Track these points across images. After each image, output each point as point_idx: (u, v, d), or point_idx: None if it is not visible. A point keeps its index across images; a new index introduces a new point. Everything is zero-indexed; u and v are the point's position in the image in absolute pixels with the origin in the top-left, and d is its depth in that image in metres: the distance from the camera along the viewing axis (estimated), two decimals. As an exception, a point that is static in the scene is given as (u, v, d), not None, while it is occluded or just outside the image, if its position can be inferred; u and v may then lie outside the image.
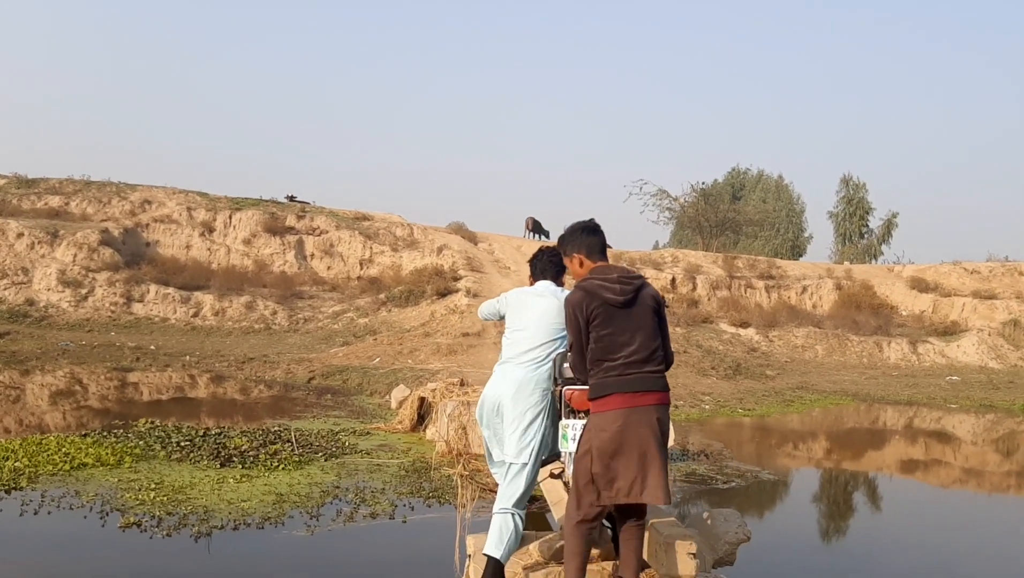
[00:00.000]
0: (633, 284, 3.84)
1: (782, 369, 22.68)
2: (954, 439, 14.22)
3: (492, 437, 4.66)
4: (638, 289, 3.84)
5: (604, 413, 3.75)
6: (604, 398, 3.76)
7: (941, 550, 7.10)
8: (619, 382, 3.74)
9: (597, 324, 3.78)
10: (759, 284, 31.54)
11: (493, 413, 4.56)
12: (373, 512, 6.70)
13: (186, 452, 8.54)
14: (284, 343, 22.44)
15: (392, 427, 11.06)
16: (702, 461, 10.02)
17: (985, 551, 7.16)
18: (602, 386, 3.78)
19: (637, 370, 3.76)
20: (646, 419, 3.71)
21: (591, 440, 3.78)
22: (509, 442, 4.41)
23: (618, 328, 3.77)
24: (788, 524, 7.94)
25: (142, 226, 29.65)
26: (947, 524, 8.31)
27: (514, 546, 4.28)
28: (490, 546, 4.22)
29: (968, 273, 33.35)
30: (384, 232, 31.66)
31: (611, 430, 3.69)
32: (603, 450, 3.70)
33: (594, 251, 4.02)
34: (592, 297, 3.80)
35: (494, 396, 4.55)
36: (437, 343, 19.78)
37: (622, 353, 3.76)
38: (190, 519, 6.22)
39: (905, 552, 6.92)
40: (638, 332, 3.79)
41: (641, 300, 3.83)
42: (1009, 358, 26.20)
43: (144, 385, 15.66)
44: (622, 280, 3.84)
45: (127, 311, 24.71)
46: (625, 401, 3.71)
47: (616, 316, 3.78)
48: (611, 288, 3.80)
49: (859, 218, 52.87)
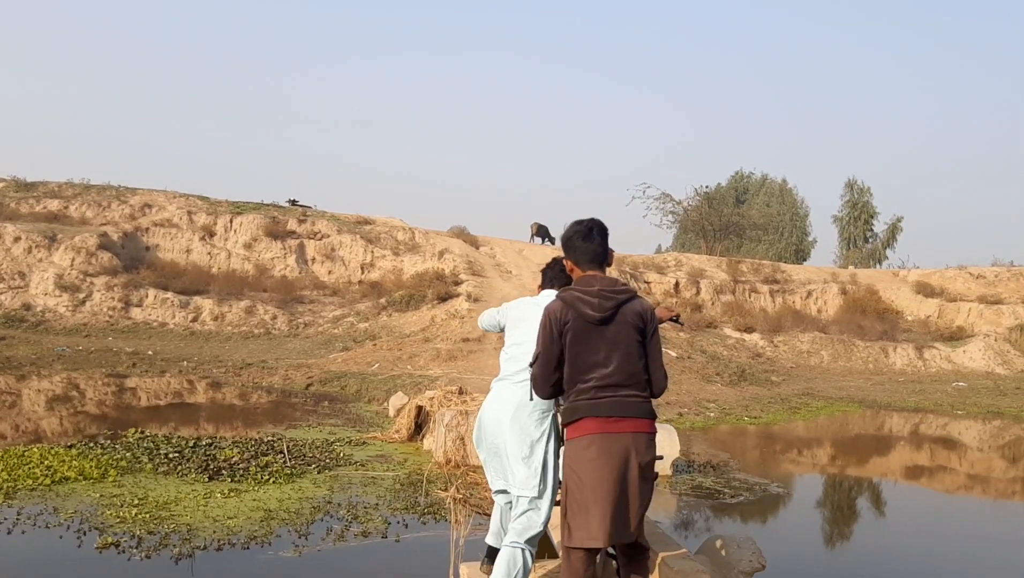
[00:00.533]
0: (615, 299, 3.45)
1: (787, 375, 22.38)
2: (963, 446, 13.93)
3: (492, 462, 4.29)
4: (619, 305, 3.45)
5: (575, 440, 3.41)
6: (575, 423, 3.42)
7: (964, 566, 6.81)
8: (590, 406, 3.38)
9: (570, 340, 3.44)
10: (763, 288, 31.21)
11: (494, 435, 4.20)
12: (365, 530, 6.42)
13: (174, 464, 8.26)
14: (283, 348, 22.18)
15: (389, 436, 10.78)
16: (708, 473, 9.73)
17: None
18: (573, 410, 3.44)
19: (611, 394, 3.38)
20: (619, 448, 3.32)
21: (564, 472, 3.47)
22: (514, 471, 4.08)
23: (591, 347, 3.41)
24: (800, 544, 7.62)
25: (142, 230, 29.38)
26: (965, 535, 8.01)
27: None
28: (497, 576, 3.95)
29: (974, 278, 33.00)
30: (385, 236, 31.40)
31: (583, 459, 3.34)
32: (575, 483, 3.36)
33: (583, 260, 3.62)
34: (568, 309, 3.46)
35: (493, 419, 4.21)
36: (437, 349, 19.50)
37: (594, 374, 3.39)
38: (172, 538, 5.93)
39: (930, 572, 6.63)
40: (614, 352, 3.40)
41: (621, 317, 3.44)
42: (1016, 364, 25.86)
43: (141, 391, 15.40)
44: (603, 294, 3.45)
45: (125, 316, 24.45)
46: (597, 426, 3.35)
47: (591, 333, 3.42)
48: (589, 302, 3.43)
49: (864, 222, 52.56)
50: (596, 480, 3.29)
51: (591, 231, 3.61)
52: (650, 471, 3.42)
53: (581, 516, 3.31)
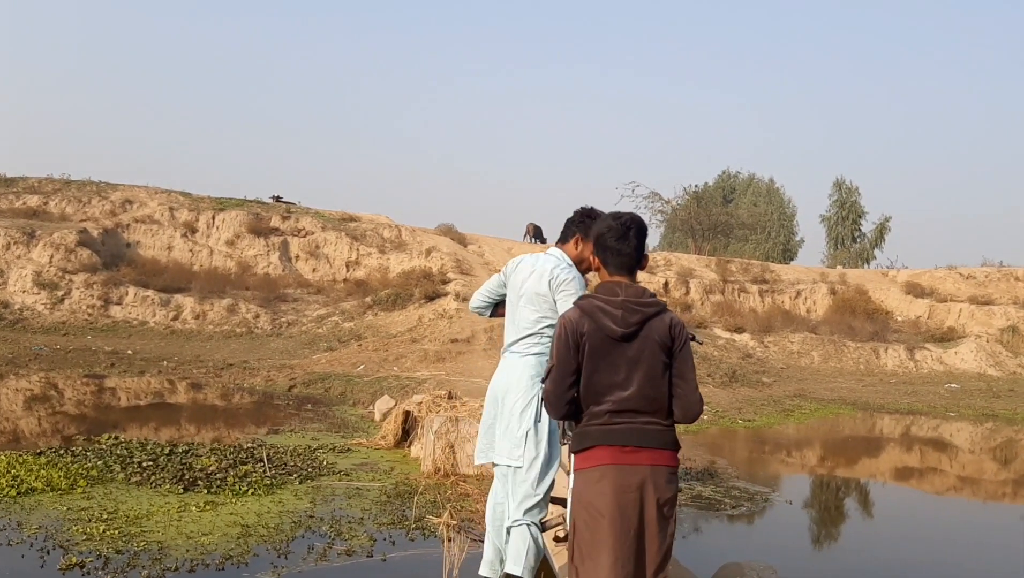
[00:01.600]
0: (641, 313, 3.00)
1: (778, 376, 22.12)
2: (959, 449, 13.68)
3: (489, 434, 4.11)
4: (646, 320, 3.00)
5: (585, 471, 3.00)
6: (586, 452, 3.02)
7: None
8: (603, 432, 2.97)
9: (586, 355, 3.01)
10: (753, 288, 30.96)
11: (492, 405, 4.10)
12: (349, 548, 6.01)
13: (147, 474, 7.82)
14: (266, 348, 21.72)
15: (375, 443, 10.38)
16: (707, 481, 9.39)
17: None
18: (583, 437, 3.04)
19: (628, 420, 2.97)
20: (635, 481, 2.91)
21: (572, 507, 3.05)
22: (504, 440, 3.90)
23: (610, 365, 2.99)
24: (815, 563, 7.28)
25: (122, 226, 28.83)
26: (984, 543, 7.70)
27: (535, 563, 3.78)
28: (509, 563, 3.76)
29: (964, 278, 32.84)
30: (371, 233, 30.95)
31: (593, 493, 2.94)
32: (583, 520, 2.96)
33: (612, 263, 3.15)
34: (588, 320, 3.02)
35: (493, 387, 4.14)
36: (424, 349, 19.09)
37: (611, 397, 2.98)
38: (141, 558, 5.51)
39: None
40: (635, 373, 2.97)
41: (647, 333, 3.00)
42: (1008, 365, 25.69)
43: (120, 391, 14.97)
44: (627, 306, 3.00)
45: (104, 314, 23.92)
46: (611, 456, 2.95)
47: (611, 350, 2.99)
48: (611, 314, 2.99)
49: (852, 222, 52.48)
50: (608, 518, 2.88)
51: (627, 231, 3.13)
52: (671, 509, 2.98)
53: (591, 559, 2.91)
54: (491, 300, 4.37)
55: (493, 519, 3.94)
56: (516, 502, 3.81)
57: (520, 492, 3.80)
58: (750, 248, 50.81)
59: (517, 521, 3.78)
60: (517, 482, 3.83)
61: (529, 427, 3.80)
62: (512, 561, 3.75)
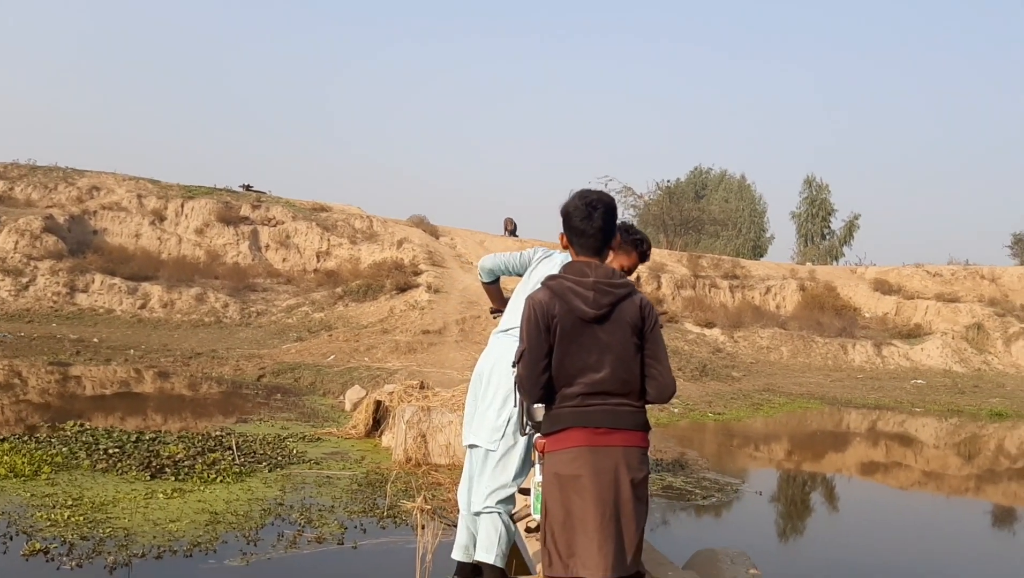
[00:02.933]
0: (612, 294, 2.98)
1: (748, 370, 22.27)
2: (924, 444, 13.85)
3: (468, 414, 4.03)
4: (617, 301, 2.98)
5: (558, 453, 2.95)
6: (559, 433, 2.97)
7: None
8: (575, 414, 2.94)
9: (558, 338, 2.96)
10: (723, 284, 31.13)
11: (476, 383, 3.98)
12: (320, 535, 5.95)
13: (113, 461, 7.69)
14: (235, 337, 21.49)
15: (345, 432, 10.30)
16: (677, 472, 9.42)
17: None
18: (556, 418, 2.99)
19: (601, 402, 2.94)
20: (609, 463, 2.89)
21: (544, 490, 3.01)
22: (483, 423, 3.81)
23: (582, 347, 2.95)
24: (786, 551, 7.33)
25: (89, 213, 28.36)
26: (936, 534, 7.79)
27: (506, 549, 3.72)
28: (481, 551, 3.68)
29: (930, 276, 33.27)
30: (342, 224, 30.72)
31: (566, 474, 2.91)
32: (558, 503, 2.92)
33: (577, 243, 3.12)
34: (558, 301, 2.97)
35: (480, 366, 4.01)
36: (396, 340, 19.00)
37: (583, 379, 2.95)
38: (107, 545, 5.42)
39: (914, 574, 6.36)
40: (607, 355, 2.94)
41: (618, 315, 2.97)
42: (972, 362, 26.07)
43: (85, 380, 14.73)
44: (599, 287, 2.96)
45: (70, 302, 23.55)
46: (584, 438, 2.91)
47: (582, 332, 2.95)
48: (582, 295, 2.95)
49: (821, 219, 52.89)
50: (583, 500, 2.86)
51: (593, 211, 3.08)
52: (643, 490, 2.97)
53: (563, 543, 2.88)
54: (502, 272, 4.31)
55: (467, 503, 3.88)
56: (489, 489, 3.73)
57: (495, 480, 3.74)
58: (721, 244, 51.10)
59: (488, 508, 3.71)
60: (490, 467, 3.76)
61: (511, 414, 3.69)
62: (483, 549, 3.69)
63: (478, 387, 3.92)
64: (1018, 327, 27.75)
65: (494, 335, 4.04)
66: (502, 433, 3.73)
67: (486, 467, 3.78)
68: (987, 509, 9.67)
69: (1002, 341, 27.32)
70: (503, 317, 4.11)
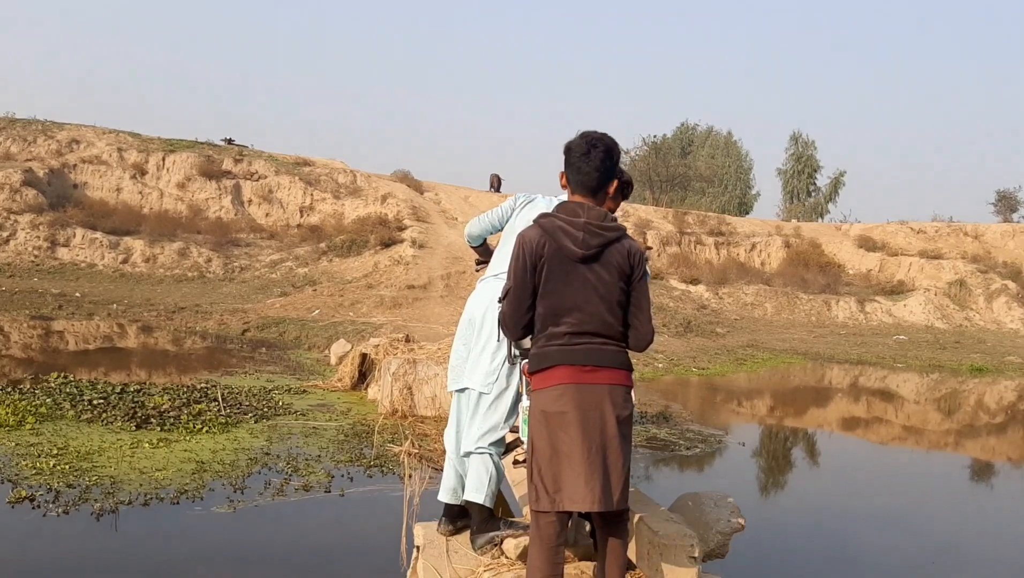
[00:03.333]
0: (602, 236, 2.95)
1: (732, 327, 22.38)
2: (904, 399, 14.00)
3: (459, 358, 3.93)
4: (607, 244, 2.96)
5: (545, 390, 2.96)
6: (545, 371, 2.97)
7: (924, 520, 6.65)
8: (562, 352, 2.94)
9: (545, 276, 2.96)
10: (709, 240, 31.19)
11: (465, 329, 3.90)
12: (307, 484, 5.96)
13: (98, 412, 7.66)
14: (218, 292, 21.39)
15: (331, 385, 10.30)
16: (661, 424, 9.48)
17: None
18: (543, 357, 2.99)
19: (587, 341, 2.94)
20: (595, 400, 2.90)
21: (531, 426, 3.02)
22: (477, 366, 3.77)
23: (569, 286, 2.95)
24: (767, 499, 7.41)
25: (69, 167, 27.99)
26: (918, 488, 7.90)
27: (495, 489, 3.73)
28: (470, 491, 3.68)
29: (914, 233, 33.43)
30: (326, 178, 30.47)
31: (552, 411, 2.91)
32: (545, 440, 2.93)
33: (573, 181, 3.07)
34: (548, 239, 2.96)
35: (468, 310, 3.91)
36: (380, 295, 18.96)
37: (569, 318, 2.94)
38: (93, 492, 5.41)
39: (892, 524, 6.44)
40: (594, 296, 2.94)
41: (607, 258, 2.95)
42: (954, 318, 26.30)
43: (68, 334, 14.64)
44: (589, 228, 2.94)
45: (51, 256, 23.34)
46: (570, 375, 2.92)
47: (570, 272, 2.95)
48: (572, 235, 2.93)
49: (807, 176, 52.92)
50: (569, 436, 2.86)
51: (592, 149, 3.01)
52: (628, 428, 2.98)
53: (550, 478, 2.90)
54: (489, 232, 4.27)
55: (455, 447, 3.88)
56: (480, 430, 3.73)
57: (487, 422, 3.74)
58: (707, 201, 51.15)
59: (480, 449, 3.72)
60: (482, 409, 3.76)
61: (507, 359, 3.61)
62: (474, 488, 3.70)
63: (470, 332, 3.86)
64: (1000, 284, 27.99)
65: (483, 281, 4.00)
66: (496, 376, 3.72)
67: (478, 410, 3.78)
68: (965, 463, 9.80)
69: (984, 297, 27.55)
70: (492, 263, 4.06)
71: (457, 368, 3.89)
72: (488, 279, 3.95)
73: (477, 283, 4.06)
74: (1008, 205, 39.60)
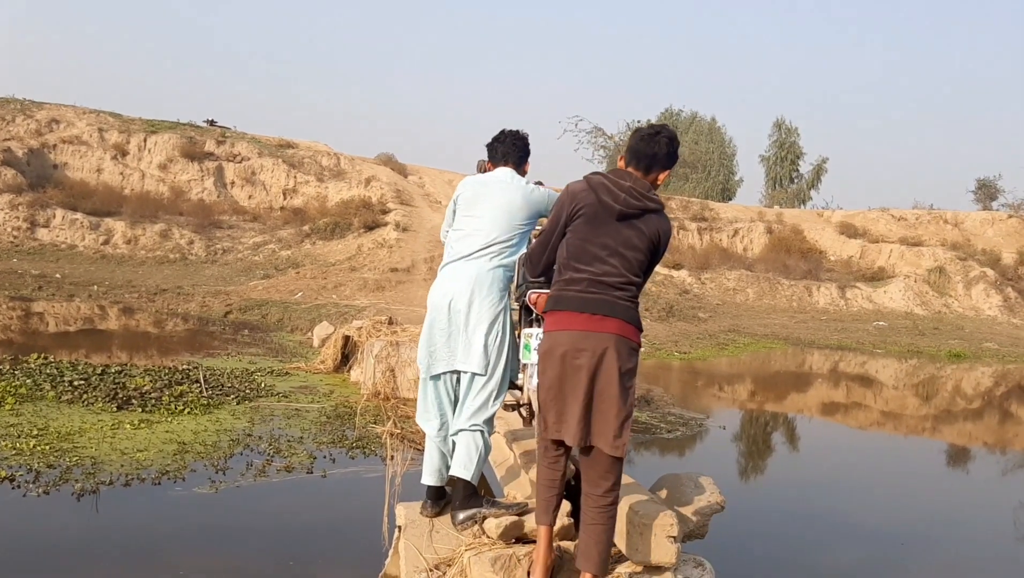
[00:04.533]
0: (643, 203, 3.13)
1: (714, 312, 22.48)
2: (883, 384, 14.12)
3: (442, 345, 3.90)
4: (644, 211, 3.13)
5: (555, 333, 3.17)
6: (559, 313, 3.18)
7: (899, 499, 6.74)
8: (580, 300, 3.12)
9: (579, 222, 3.16)
10: (692, 226, 31.27)
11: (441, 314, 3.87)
12: (289, 465, 5.97)
13: (79, 393, 7.63)
14: (200, 274, 21.28)
15: (313, 367, 10.29)
16: (643, 407, 9.53)
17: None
18: (559, 299, 3.19)
19: (603, 292, 3.12)
20: (600, 347, 3.05)
21: (540, 363, 3.22)
22: (465, 347, 3.81)
23: (599, 238, 3.13)
24: (747, 480, 7.48)
25: (49, 147, 27.72)
26: (899, 470, 8.00)
27: (481, 467, 3.81)
28: (457, 467, 3.74)
29: (895, 220, 33.65)
30: (309, 161, 30.33)
31: (560, 352, 3.10)
32: (550, 377, 3.13)
33: (632, 158, 3.22)
34: (590, 192, 3.16)
35: (442, 295, 3.87)
36: (364, 278, 18.92)
37: (592, 268, 3.13)
38: (74, 473, 5.40)
39: (868, 506, 6.53)
40: (619, 252, 3.12)
41: (642, 223, 3.14)
42: (934, 305, 26.52)
43: (48, 316, 14.51)
44: (633, 192, 3.12)
45: (31, 237, 23.12)
46: (582, 322, 3.10)
47: (605, 225, 3.13)
48: (614, 193, 3.12)
49: (790, 163, 52.94)
50: (575, 377, 3.05)
51: (657, 134, 3.20)
52: (630, 380, 3.11)
53: (554, 412, 3.12)
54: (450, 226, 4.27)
55: (436, 427, 3.89)
56: (472, 409, 3.79)
57: (478, 400, 3.80)
58: (690, 187, 51.11)
59: (474, 426, 3.79)
60: (476, 389, 3.81)
61: (497, 338, 3.81)
62: (461, 465, 3.75)
63: (447, 318, 3.84)
64: (979, 271, 28.24)
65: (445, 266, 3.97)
66: (489, 358, 3.79)
67: (472, 389, 3.84)
68: (940, 447, 9.91)
69: (963, 284, 27.79)
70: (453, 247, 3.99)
71: (433, 354, 3.89)
72: (452, 263, 3.94)
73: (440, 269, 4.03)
74: (988, 193, 39.86)
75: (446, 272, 3.94)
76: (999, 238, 32.32)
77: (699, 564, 3.45)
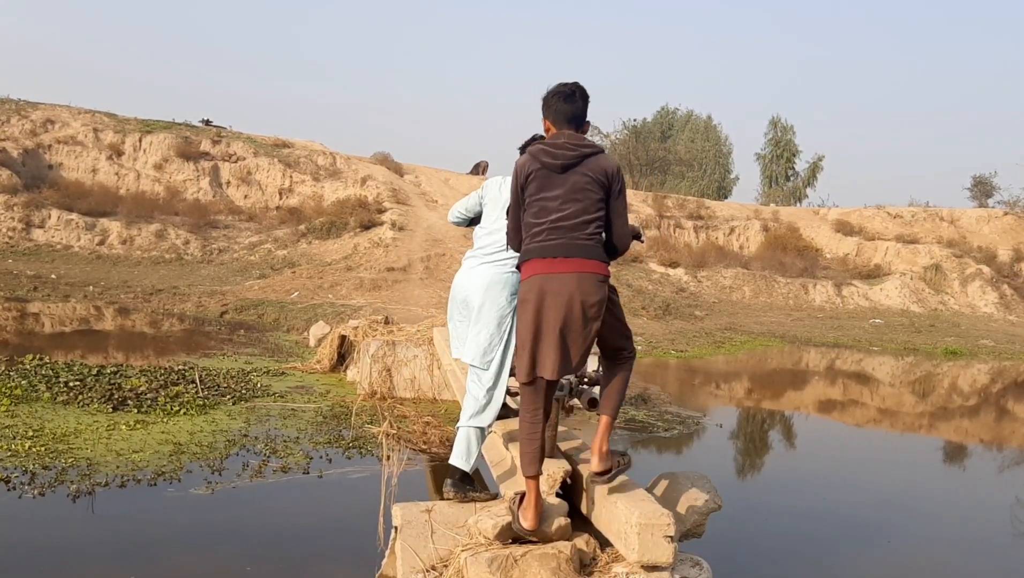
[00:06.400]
0: (578, 151, 3.42)
1: (710, 310, 22.50)
2: (880, 382, 14.14)
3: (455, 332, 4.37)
4: (583, 157, 3.42)
5: (524, 281, 3.48)
6: (525, 264, 3.49)
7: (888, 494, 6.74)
8: (540, 247, 3.41)
9: (532, 189, 3.47)
10: (688, 224, 31.29)
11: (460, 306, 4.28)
12: (285, 465, 5.96)
13: (74, 393, 7.61)
14: (196, 274, 21.24)
15: (310, 367, 10.28)
16: (640, 406, 9.54)
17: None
18: (524, 253, 3.51)
19: (560, 236, 3.39)
20: (563, 288, 3.32)
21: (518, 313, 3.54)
22: (473, 342, 4.14)
23: (550, 192, 3.43)
24: (744, 479, 7.48)
25: (44, 147, 27.63)
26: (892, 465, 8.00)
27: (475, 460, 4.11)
28: (456, 457, 4.04)
29: (891, 217, 33.68)
30: (305, 160, 30.26)
31: (529, 300, 3.39)
32: (524, 322, 3.42)
33: (560, 119, 3.52)
34: (533, 160, 3.48)
35: (460, 289, 4.28)
36: (360, 278, 18.90)
37: (548, 218, 3.41)
38: (70, 474, 5.39)
39: (865, 504, 6.53)
40: (571, 200, 3.40)
41: (584, 167, 3.41)
42: (930, 302, 26.56)
43: (43, 317, 14.47)
44: (566, 145, 3.43)
45: (26, 237, 23.04)
46: (544, 267, 3.38)
47: (552, 181, 3.44)
48: (551, 152, 3.43)
49: (786, 160, 53.03)
50: (545, 318, 3.33)
51: (573, 93, 3.53)
52: (598, 311, 3.36)
53: (528, 353, 3.38)
54: (467, 217, 4.56)
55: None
56: (472, 410, 4.05)
57: (478, 400, 4.05)
58: (686, 185, 51.15)
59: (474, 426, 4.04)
60: (475, 383, 4.08)
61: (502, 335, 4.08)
62: (461, 457, 4.03)
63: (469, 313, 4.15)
64: (975, 268, 28.28)
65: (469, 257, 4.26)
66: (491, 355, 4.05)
67: (472, 381, 4.11)
68: (937, 444, 9.93)
69: (959, 282, 27.84)
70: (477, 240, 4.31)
71: (459, 337, 4.26)
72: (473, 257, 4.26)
73: (464, 260, 4.34)
74: (984, 191, 39.91)
75: (467, 267, 4.28)
76: (995, 235, 32.36)
77: (696, 563, 3.45)
